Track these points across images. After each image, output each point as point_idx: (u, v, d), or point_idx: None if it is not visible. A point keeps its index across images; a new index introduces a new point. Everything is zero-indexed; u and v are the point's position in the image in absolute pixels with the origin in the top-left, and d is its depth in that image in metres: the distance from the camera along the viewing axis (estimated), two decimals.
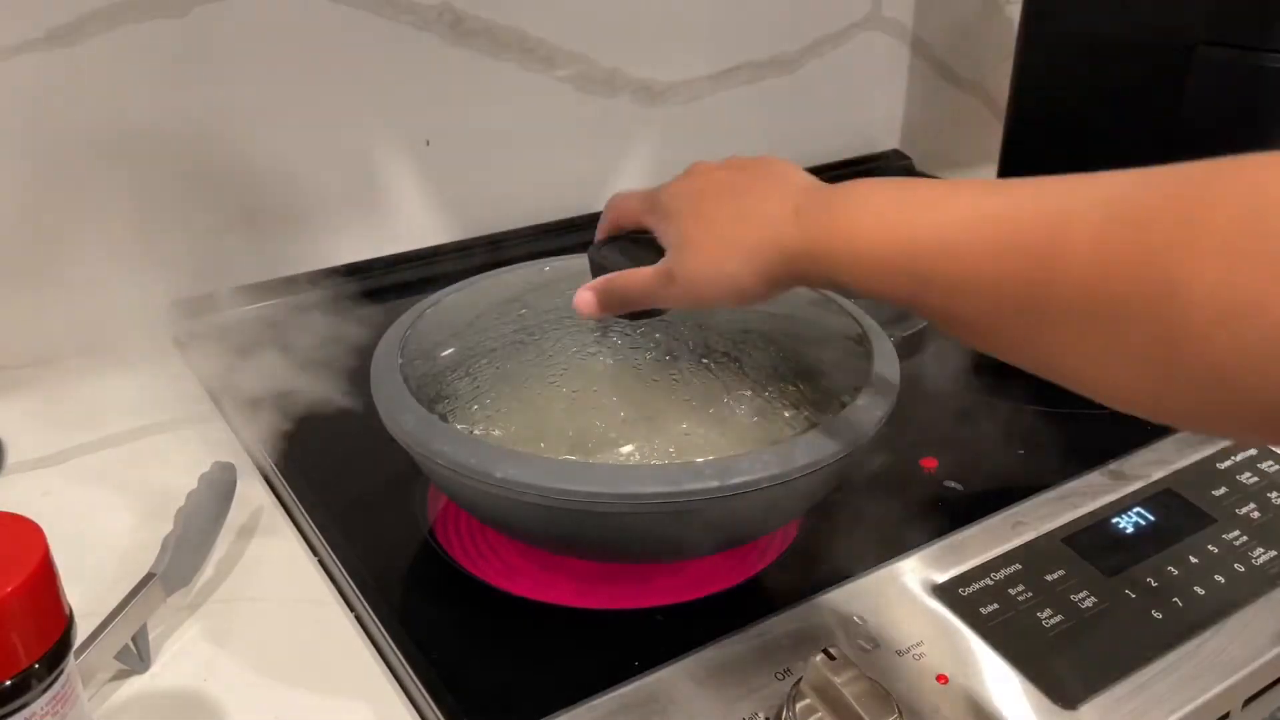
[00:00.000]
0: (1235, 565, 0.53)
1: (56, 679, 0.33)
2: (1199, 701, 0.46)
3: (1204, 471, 0.60)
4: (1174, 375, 0.32)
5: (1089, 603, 0.50)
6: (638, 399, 0.62)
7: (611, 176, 0.93)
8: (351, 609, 0.51)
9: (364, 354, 0.56)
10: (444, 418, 0.59)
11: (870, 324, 0.59)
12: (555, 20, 0.86)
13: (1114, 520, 0.56)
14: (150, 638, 0.48)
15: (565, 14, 0.86)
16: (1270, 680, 0.49)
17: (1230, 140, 0.87)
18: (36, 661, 0.32)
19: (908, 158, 1.11)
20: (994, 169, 1.08)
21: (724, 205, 0.46)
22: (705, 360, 0.65)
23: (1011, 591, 0.51)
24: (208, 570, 0.54)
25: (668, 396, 0.62)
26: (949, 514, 0.56)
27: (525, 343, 0.64)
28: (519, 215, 0.90)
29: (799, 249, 0.42)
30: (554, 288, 0.65)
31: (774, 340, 0.64)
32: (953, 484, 0.59)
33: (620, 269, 0.50)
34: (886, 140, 1.12)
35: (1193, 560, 0.53)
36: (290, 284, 0.79)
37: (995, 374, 0.72)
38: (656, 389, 0.63)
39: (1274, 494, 0.58)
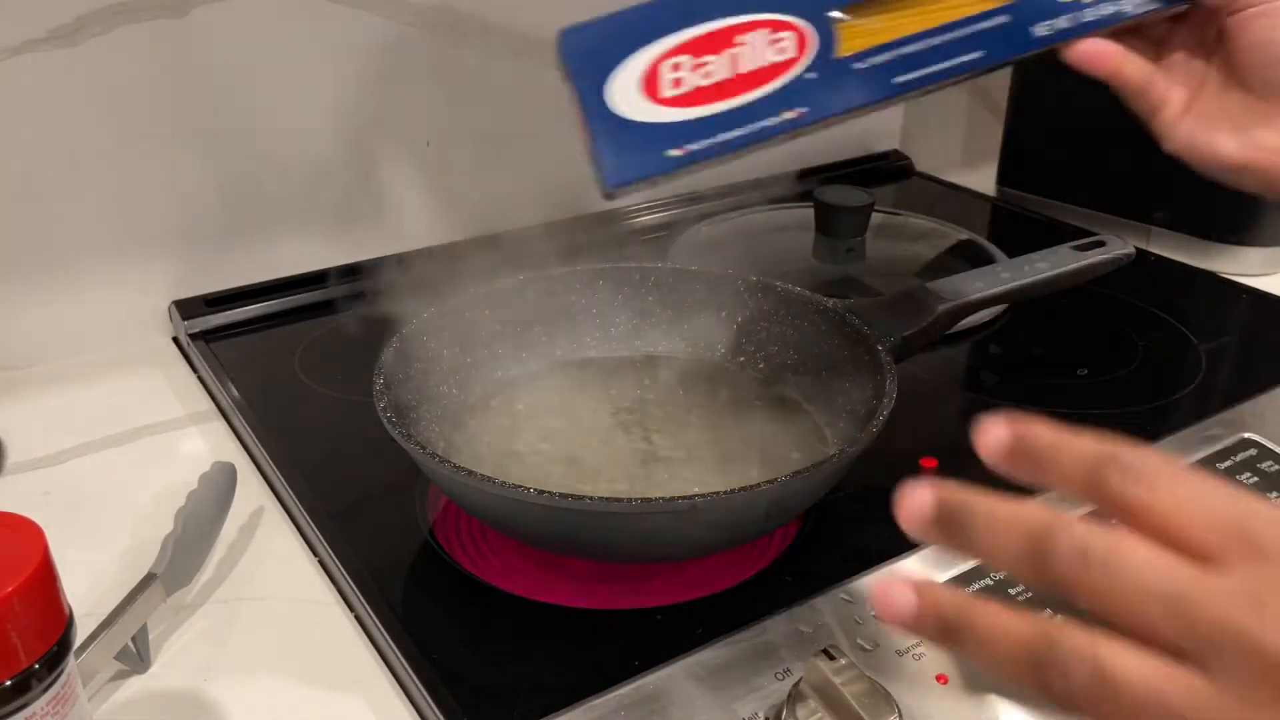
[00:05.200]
0: None
1: (57, 679, 0.33)
2: None
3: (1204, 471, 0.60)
4: None
5: None
6: (638, 400, 0.62)
7: None
8: (351, 609, 0.51)
9: (364, 354, 0.56)
10: (443, 421, 0.59)
11: (868, 325, 0.59)
12: (555, 20, 0.86)
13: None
14: (150, 638, 0.48)
15: (565, 15, 0.86)
16: None
17: None
18: (37, 662, 0.32)
19: (907, 158, 1.11)
20: (994, 169, 1.08)
21: None
22: (704, 362, 0.65)
23: (1011, 591, 0.51)
24: (208, 570, 0.54)
25: (667, 396, 0.63)
26: None
27: (526, 350, 0.64)
28: (519, 215, 0.90)
29: None
30: (561, 295, 0.65)
31: (777, 343, 0.64)
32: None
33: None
34: (886, 140, 1.12)
35: None
36: (290, 284, 0.79)
37: (995, 374, 0.72)
38: (654, 386, 0.63)
39: (1274, 494, 0.58)
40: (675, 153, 0.44)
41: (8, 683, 0.32)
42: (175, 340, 0.77)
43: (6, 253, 0.71)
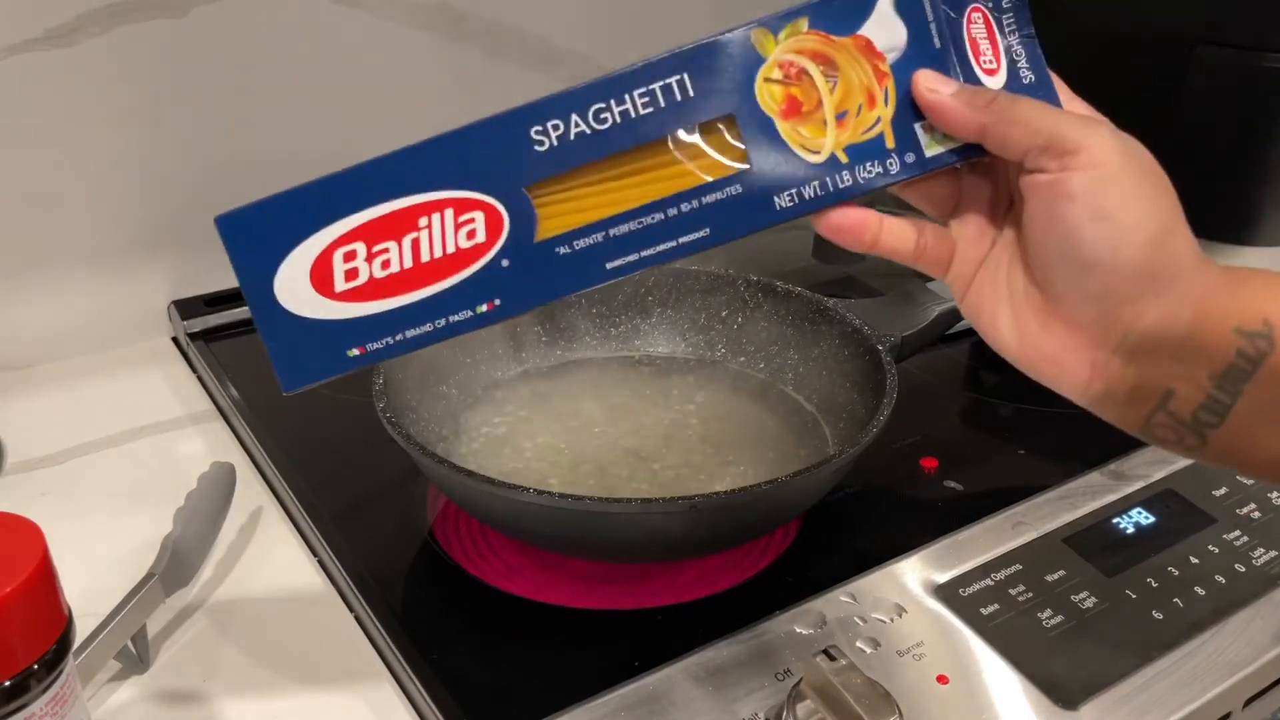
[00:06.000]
0: (1236, 565, 0.53)
1: (56, 680, 0.33)
2: (1200, 702, 0.46)
3: (1204, 471, 0.60)
4: None
5: (1089, 603, 0.50)
6: (637, 401, 0.62)
7: None
8: (351, 609, 0.51)
9: None
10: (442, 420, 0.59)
11: (869, 325, 0.59)
12: (554, 19, 0.86)
13: (1114, 520, 0.56)
14: (149, 638, 0.48)
15: (564, 13, 0.86)
16: (1271, 680, 0.49)
17: (1230, 141, 0.87)
18: (35, 662, 0.32)
19: None
20: None
21: None
22: (704, 362, 0.65)
23: (1012, 592, 0.51)
24: (207, 570, 0.54)
25: (667, 396, 0.63)
26: (949, 514, 0.56)
27: (526, 350, 0.64)
28: None
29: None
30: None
31: (777, 343, 0.64)
32: (953, 484, 0.59)
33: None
34: None
35: (1193, 560, 0.53)
36: None
37: (995, 374, 0.72)
38: (654, 386, 0.63)
39: (1274, 494, 0.58)
40: (355, 352, 0.38)
41: (7, 683, 0.32)
42: (175, 340, 0.77)
43: (6, 253, 0.70)
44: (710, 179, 0.38)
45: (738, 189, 0.38)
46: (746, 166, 0.38)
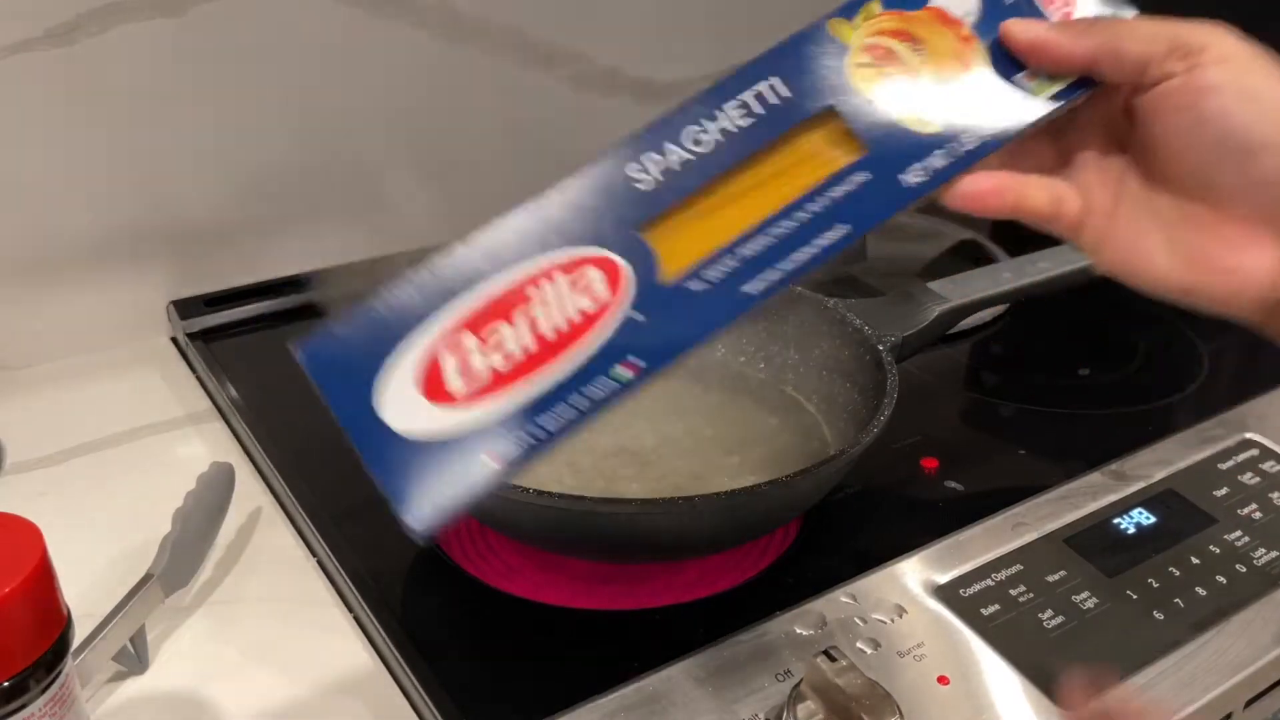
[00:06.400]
0: (1237, 566, 0.53)
1: (54, 680, 0.33)
2: (1201, 702, 0.46)
3: (1205, 472, 0.60)
4: None
5: (1090, 603, 0.50)
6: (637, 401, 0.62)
7: None
8: (350, 610, 0.51)
9: None
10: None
11: (869, 325, 0.59)
12: (554, 19, 0.86)
13: (1115, 521, 0.56)
14: (148, 639, 0.48)
15: (564, 13, 0.86)
16: (1272, 681, 0.49)
17: None
18: (34, 663, 0.32)
19: None
20: None
21: None
22: (704, 362, 0.65)
23: (1012, 592, 0.51)
24: (206, 571, 0.53)
25: (667, 396, 0.62)
26: (950, 514, 0.56)
27: None
28: None
29: None
30: None
31: (778, 343, 0.64)
32: (953, 484, 0.59)
33: None
34: None
35: (1194, 561, 0.53)
36: (289, 284, 0.79)
37: (996, 374, 0.72)
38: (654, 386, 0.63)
39: (1275, 494, 0.58)
40: (492, 463, 0.32)
41: (5, 684, 0.32)
42: (174, 340, 0.77)
43: (5, 253, 0.70)
44: (832, 172, 0.36)
45: (865, 176, 0.36)
46: (865, 153, 0.36)
